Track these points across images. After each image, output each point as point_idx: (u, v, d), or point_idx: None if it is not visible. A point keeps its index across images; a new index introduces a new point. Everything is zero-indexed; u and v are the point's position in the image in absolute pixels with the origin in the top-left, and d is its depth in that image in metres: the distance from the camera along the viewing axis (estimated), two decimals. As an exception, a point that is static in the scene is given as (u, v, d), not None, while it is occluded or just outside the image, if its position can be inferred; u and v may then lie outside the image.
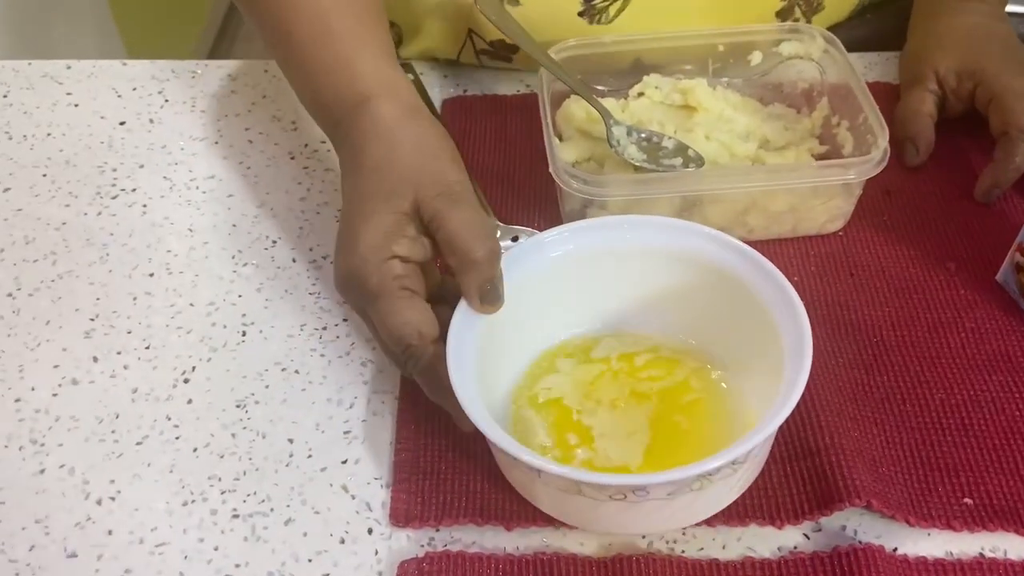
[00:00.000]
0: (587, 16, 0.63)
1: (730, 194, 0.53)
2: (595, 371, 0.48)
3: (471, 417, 0.40)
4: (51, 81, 0.69)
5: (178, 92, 0.68)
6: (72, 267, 0.56)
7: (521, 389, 0.48)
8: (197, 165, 0.63)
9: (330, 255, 0.57)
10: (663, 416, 0.46)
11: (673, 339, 0.49)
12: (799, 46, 0.61)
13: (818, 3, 0.66)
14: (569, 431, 0.46)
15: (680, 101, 0.61)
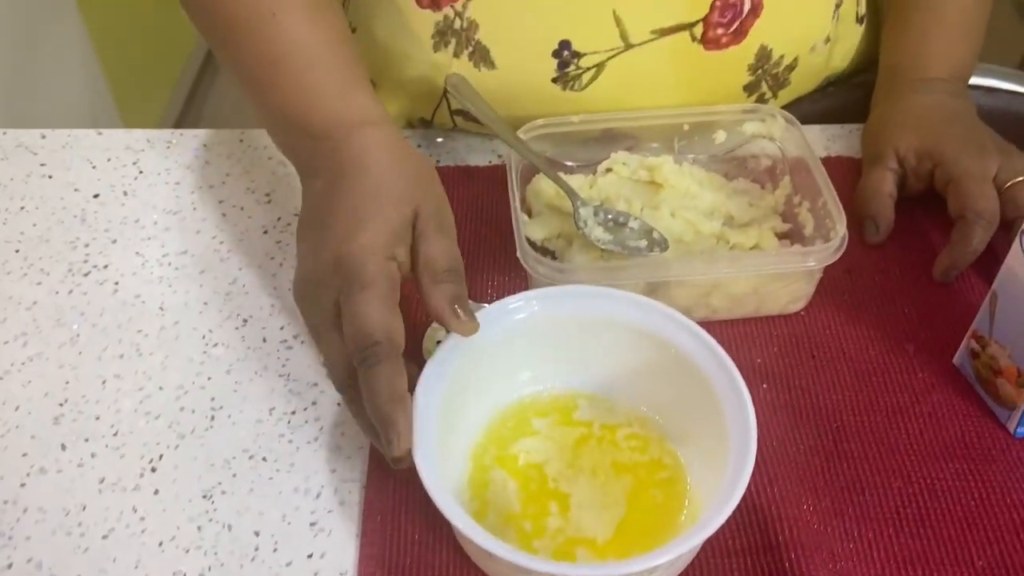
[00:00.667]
0: (560, 83, 0.64)
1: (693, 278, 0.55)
2: (576, 434, 0.49)
3: (431, 494, 0.41)
4: (25, 151, 0.69)
5: (152, 163, 0.69)
6: (42, 349, 0.56)
7: (483, 447, 0.49)
8: (170, 240, 0.63)
9: (301, 335, 0.57)
10: (641, 491, 0.47)
11: (635, 409, 0.50)
12: (761, 126, 0.62)
13: (784, 79, 0.68)
14: (546, 498, 0.47)
15: (647, 177, 0.62)
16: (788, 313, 0.57)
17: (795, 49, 0.66)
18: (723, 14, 0.62)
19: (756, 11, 0.62)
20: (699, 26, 0.62)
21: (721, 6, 0.61)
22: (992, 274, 0.58)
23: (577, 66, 0.63)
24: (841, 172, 0.64)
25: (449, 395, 0.47)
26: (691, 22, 0.62)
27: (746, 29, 0.63)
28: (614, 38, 0.62)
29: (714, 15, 0.62)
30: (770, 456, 0.50)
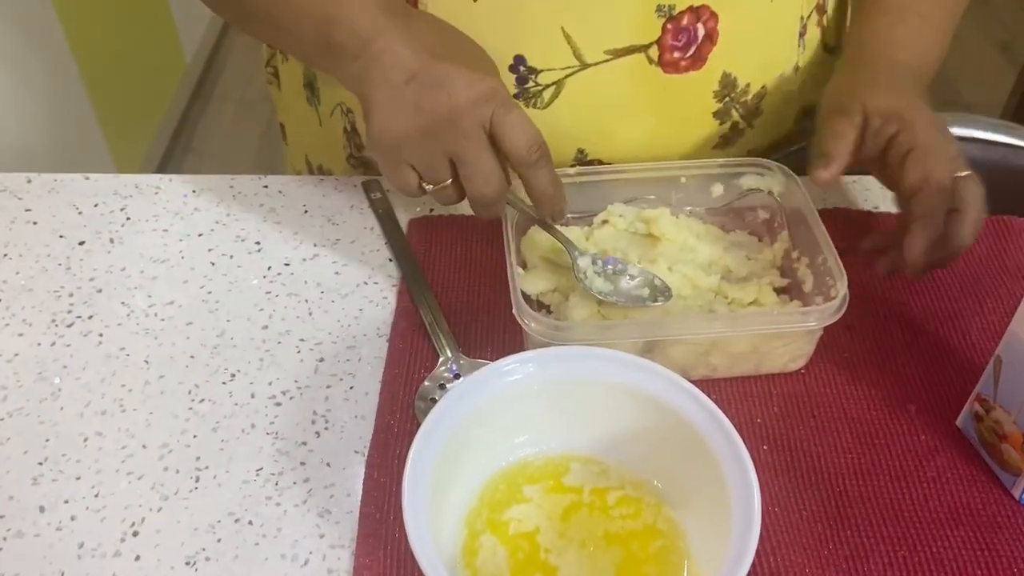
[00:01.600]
0: (522, 99, 0.64)
1: (692, 337, 0.54)
2: (566, 501, 0.48)
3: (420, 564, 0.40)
4: (10, 196, 0.68)
5: (140, 209, 0.67)
6: (23, 404, 0.54)
7: (476, 512, 0.48)
8: (157, 289, 0.62)
9: (289, 391, 0.56)
10: (631, 566, 0.46)
11: (632, 472, 0.49)
12: (759, 179, 0.62)
13: (755, 107, 0.67)
14: (535, 570, 0.45)
15: (644, 230, 0.61)
16: (789, 371, 0.56)
17: (761, 77, 0.66)
18: (676, 37, 0.61)
19: (712, 37, 0.62)
20: (654, 48, 0.61)
21: (673, 29, 0.61)
22: (992, 336, 0.58)
23: (536, 82, 0.62)
24: (839, 224, 0.63)
25: (443, 459, 0.45)
26: (644, 44, 0.61)
27: (704, 55, 0.62)
28: (567, 56, 0.61)
29: (667, 38, 0.61)
30: (772, 523, 0.48)
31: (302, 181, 0.71)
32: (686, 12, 0.60)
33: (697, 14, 0.61)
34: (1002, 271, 0.62)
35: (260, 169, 2.22)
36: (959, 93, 2.42)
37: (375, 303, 0.61)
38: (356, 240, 0.66)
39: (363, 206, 0.68)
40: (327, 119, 0.73)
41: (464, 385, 0.47)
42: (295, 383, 0.56)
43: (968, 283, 0.61)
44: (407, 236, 0.66)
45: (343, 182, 0.70)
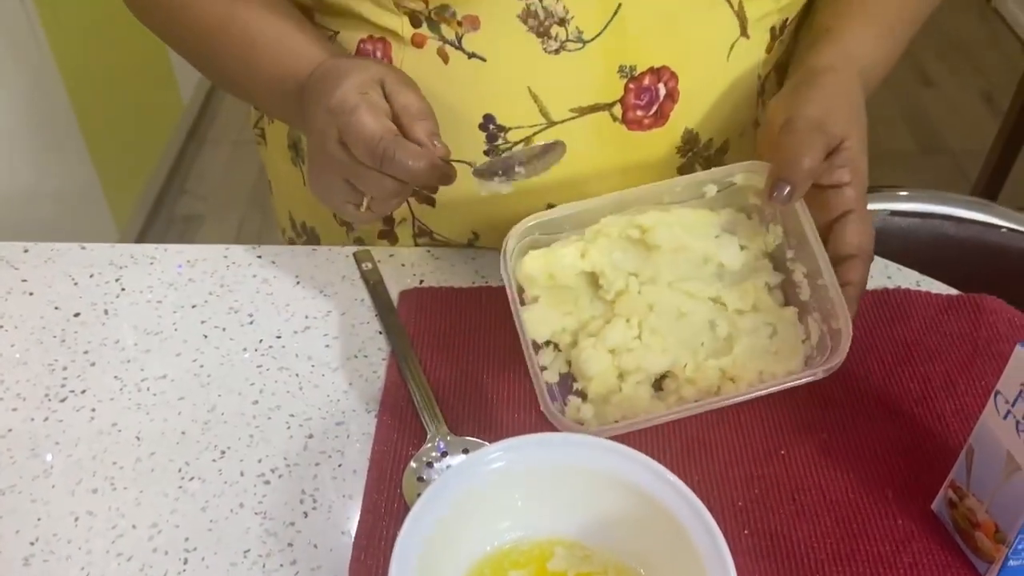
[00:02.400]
0: (492, 156, 0.65)
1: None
2: None
3: None
4: (7, 266, 0.69)
5: (135, 279, 0.69)
6: (15, 481, 0.55)
7: None
8: (150, 363, 0.63)
9: (278, 468, 0.57)
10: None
11: (617, 557, 0.50)
12: (754, 177, 0.60)
13: (718, 162, 0.68)
14: None
15: (638, 235, 0.60)
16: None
17: (722, 133, 0.68)
18: (639, 96, 0.63)
19: (673, 96, 0.64)
20: (617, 107, 0.64)
21: (635, 89, 0.63)
22: (965, 418, 0.59)
23: (505, 140, 0.64)
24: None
25: (429, 545, 0.46)
26: (608, 103, 0.63)
27: (666, 113, 0.65)
28: (535, 114, 0.63)
29: (630, 97, 0.63)
30: (751, 610, 0.49)
31: (295, 251, 0.72)
32: (647, 72, 0.63)
33: (658, 74, 0.63)
34: (974, 350, 0.63)
35: (253, 211, 2.22)
36: (944, 141, 2.46)
37: (364, 377, 0.63)
38: (347, 312, 0.67)
39: (355, 277, 0.70)
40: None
41: (450, 473, 0.48)
42: (284, 461, 0.57)
43: (941, 362, 0.63)
44: (397, 308, 0.67)
45: (335, 252, 0.72)
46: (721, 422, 0.59)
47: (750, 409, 0.60)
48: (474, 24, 0.61)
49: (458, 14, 0.60)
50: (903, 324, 0.65)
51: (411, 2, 0.61)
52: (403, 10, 0.61)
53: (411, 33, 0.62)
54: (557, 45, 0.61)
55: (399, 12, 0.62)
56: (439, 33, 0.62)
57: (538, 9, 0.60)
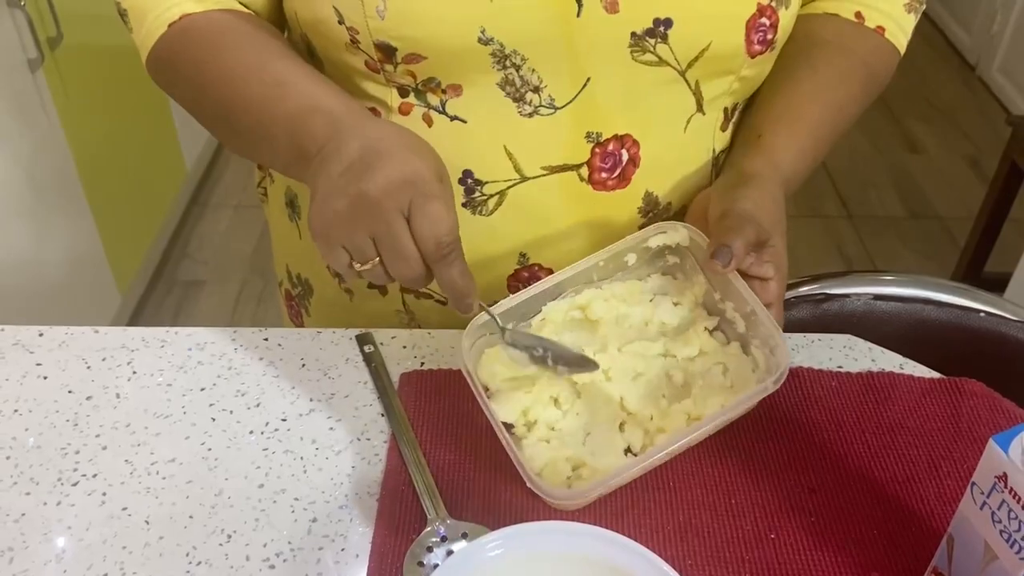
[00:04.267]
0: (469, 207, 0.70)
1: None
2: None
3: None
4: (23, 350, 0.71)
5: (146, 363, 0.71)
6: (28, 567, 0.57)
7: None
8: (159, 446, 0.65)
9: (283, 552, 0.58)
10: None
11: None
12: (665, 237, 0.67)
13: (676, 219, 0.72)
14: None
15: (580, 315, 0.67)
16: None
17: (680, 198, 0.73)
18: (603, 160, 0.69)
19: (635, 161, 0.70)
20: (584, 168, 0.69)
21: (600, 153, 0.69)
22: (948, 502, 0.61)
23: (481, 192, 0.70)
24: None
25: None
26: (576, 164, 0.69)
27: (628, 176, 0.70)
28: (509, 170, 0.69)
29: (595, 160, 0.69)
30: None
31: (301, 334, 0.75)
32: (612, 139, 0.69)
33: (622, 141, 0.69)
34: (955, 434, 0.66)
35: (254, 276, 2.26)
36: (932, 207, 2.51)
37: (367, 460, 0.65)
38: (350, 395, 0.69)
39: (357, 359, 0.72)
40: (306, 232, 0.79)
41: (449, 563, 0.50)
42: (288, 545, 0.59)
43: (924, 446, 0.65)
44: (398, 390, 0.70)
45: (339, 334, 0.74)
46: (713, 505, 0.61)
47: (741, 492, 0.62)
48: (457, 92, 0.67)
49: (443, 84, 0.66)
50: (887, 407, 0.68)
51: (402, 77, 0.66)
52: (392, 84, 0.67)
53: (399, 103, 0.68)
54: (531, 109, 0.67)
55: (389, 85, 0.67)
56: (424, 101, 0.67)
57: (515, 78, 0.66)
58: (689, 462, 0.63)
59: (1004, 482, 0.47)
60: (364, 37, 0.64)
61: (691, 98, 0.69)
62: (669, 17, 0.64)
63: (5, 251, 1.51)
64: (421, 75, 0.66)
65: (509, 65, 0.65)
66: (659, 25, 0.64)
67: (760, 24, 0.66)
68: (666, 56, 0.66)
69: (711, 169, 0.74)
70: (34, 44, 1.52)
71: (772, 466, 0.63)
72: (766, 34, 0.67)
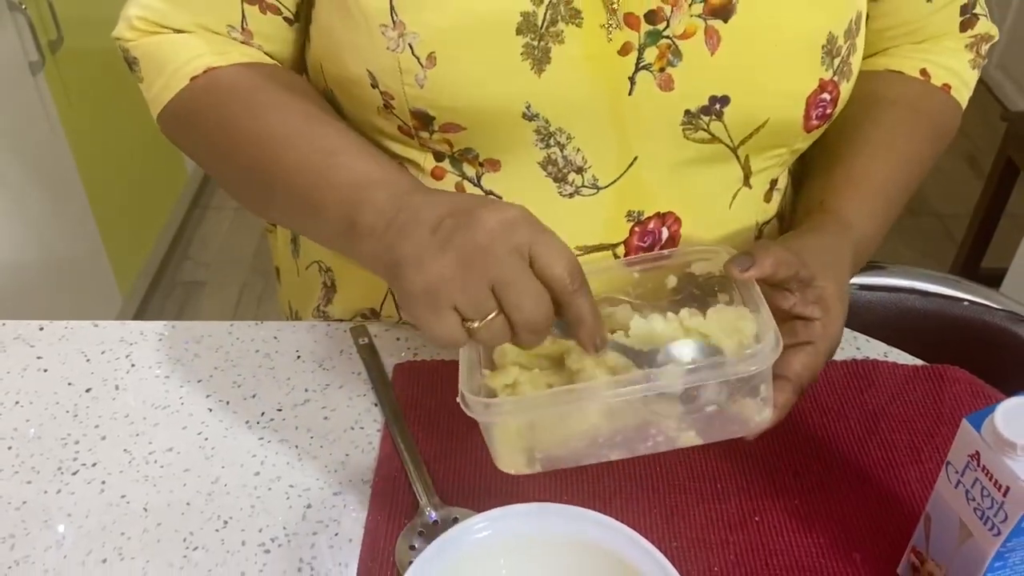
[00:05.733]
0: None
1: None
2: None
3: None
4: (23, 344, 0.73)
5: (145, 356, 0.72)
6: (29, 552, 0.58)
7: None
8: (157, 436, 0.66)
9: (278, 538, 0.60)
10: None
11: None
12: (709, 264, 0.62)
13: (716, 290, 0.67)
14: None
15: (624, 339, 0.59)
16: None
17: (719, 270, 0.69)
18: (642, 239, 0.66)
19: (674, 239, 0.67)
20: (621, 248, 0.67)
21: (640, 232, 0.66)
22: (928, 484, 0.62)
23: None
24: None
25: None
26: (612, 243, 0.66)
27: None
28: None
29: (633, 239, 0.66)
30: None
31: (296, 327, 0.76)
32: (653, 217, 0.66)
33: (663, 219, 0.66)
34: (937, 419, 0.67)
35: (255, 278, 2.26)
36: (930, 204, 2.52)
37: (361, 448, 0.66)
38: (344, 385, 0.71)
39: (352, 351, 0.74)
40: (303, 271, 0.79)
41: (437, 544, 0.51)
42: (283, 530, 0.60)
43: (906, 431, 0.66)
44: (392, 381, 0.71)
45: (334, 327, 0.76)
46: (699, 490, 0.62)
47: (726, 477, 0.63)
48: (495, 167, 0.64)
49: (481, 157, 0.64)
50: (871, 393, 0.69)
51: (437, 144, 0.63)
52: (427, 149, 0.64)
53: (432, 166, 0.65)
54: (572, 190, 0.65)
55: (423, 150, 0.65)
56: (460, 170, 0.65)
57: (559, 158, 0.63)
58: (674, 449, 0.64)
59: (977, 460, 0.49)
60: (400, 103, 0.61)
61: (739, 172, 0.67)
62: (726, 95, 0.61)
63: (6, 252, 1.52)
64: (458, 144, 0.63)
65: (553, 144, 0.63)
66: (715, 103, 0.61)
67: (820, 100, 0.63)
68: (719, 133, 0.63)
69: (754, 241, 0.71)
70: (35, 47, 1.53)
71: (757, 451, 0.64)
72: (825, 109, 0.64)
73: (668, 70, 0.61)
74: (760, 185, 0.69)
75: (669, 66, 0.61)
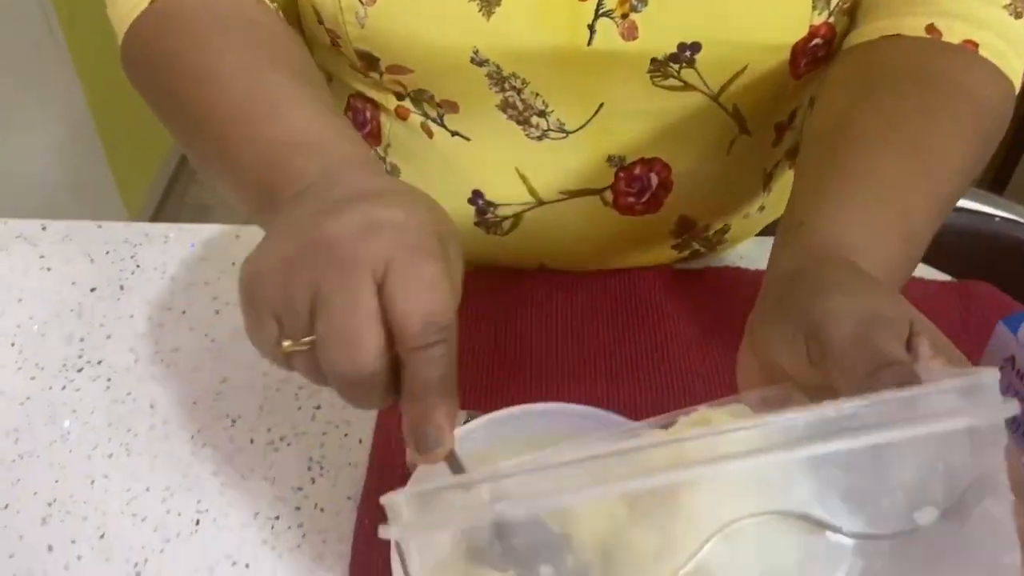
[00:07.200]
0: (483, 227, 0.64)
1: None
2: None
3: None
4: (25, 243, 0.71)
5: (150, 257, 0.71)
6: (33, 446, 0.57)
7: None
8: (163, 337, 0.65)
9: (287, 437, 0.59)
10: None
11: None
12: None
13: (718, 240, 0.68)
14: None
15: None
16: None
17: (721, 219, 0.66)
18: (629, 184, 0.62)
19: (666, 186, 0.62)
20: (608, 192, 0.62)
21: (625, 177, 0.61)
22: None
23: (495, 214, 0.63)
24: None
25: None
26: (598, 188, 0.62)
27: (660, 200, 0.63)
28: (523, 193, 0.62)
29: (620, 184, 0.62)
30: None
31: (304, 232, 0.74)
32: (637, 163, 0.61)
33: (649, 165, 0.61)
34: (964, 334, 0.65)
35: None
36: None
37: (371, 353, 0.64)
38: (354, 291, 0.69)
39: (362, 257, 0.72)
40: None
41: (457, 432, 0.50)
42: (293, 430, 0.59)
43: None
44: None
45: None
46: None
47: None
48: (454, 108, 0.59)
49: (436, 98, 0.59)
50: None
51: (390, 85, 0.59)
52: (386, 89, 0.60)
53: (395, 105, 0.61)
54: (539, 133, 0.60)
55: (382, 89, 0.60)
56: (421, 110, 0.60)
57: (516, 101, 0.58)
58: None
59: (1012, 364, 0.47)
60: (345, 43, 0.56)
61: (730, 120, 0.60)
62: (697, 41, 0.54)
63: (10, 172, 1.50)
64: (410, 86, 0.58)
65: (509, 88, 0.57)
66: (685, 50, 0.55)
67: (812, 47, 0.55)
68: (693, 81, 0.56)
69: (764, 185, 0.67)
70: (36, -42, 1.49)
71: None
72: (817, 52, 0.56)
73: (632, 16, 0.54)
74: (761, 131, 0.63)
75: (633, 11, 0.54)
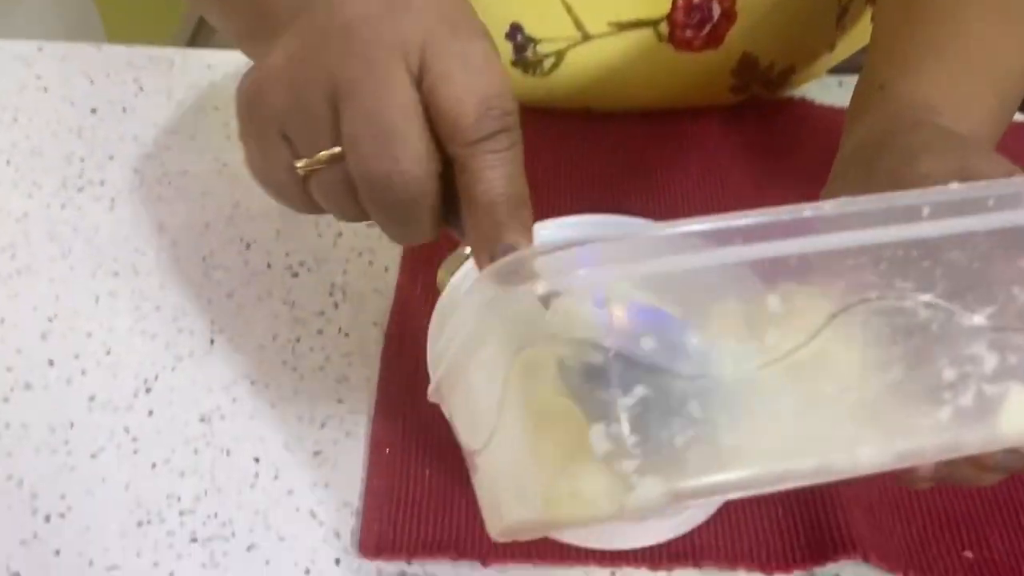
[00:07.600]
0: (520, 67, 0.59)
1: None
2: None
3: None
4: (20, 63, 0.65)
5: (154, 81, 0.65)
6: (31, 262, 0.53)
7: None
8: (170, 159, 0.60)
9: (306, 262, 0.54)
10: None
11: None
12: None
13: (782, 82, 0.62)
14: None
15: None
16: None
17: (788, 58, 0.61)
18: (688, 14, 0.56)
19: (729, 17, 0.57)
20: (663, 24, 0.57)
21: (684, 6, 0.56)
22: None
23: (535, 52, 0.58)
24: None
25: None
26: (653, 19, 0.57)
27: (721, 35, 0.57)
28: (568, 26, 0.57)
29: (678, 14, 0.56)
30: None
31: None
32: None
33: None
34: None
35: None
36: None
37: (396, 183, 0.59)
38: (377, 122, 0.64)
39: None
40: None
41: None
42: (313, 256, 0.54)
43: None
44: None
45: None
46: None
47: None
48: None
49: None
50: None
51: None
52: None
53: None
54: None
55: None
56: None
57: None
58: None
59: None
60: None
61: None
62: None
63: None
64: None
65: None
66: None
67: None
68: None
69: (835, 23, 0.60)
70: None
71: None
72: None
73: None
74: None
75: None
